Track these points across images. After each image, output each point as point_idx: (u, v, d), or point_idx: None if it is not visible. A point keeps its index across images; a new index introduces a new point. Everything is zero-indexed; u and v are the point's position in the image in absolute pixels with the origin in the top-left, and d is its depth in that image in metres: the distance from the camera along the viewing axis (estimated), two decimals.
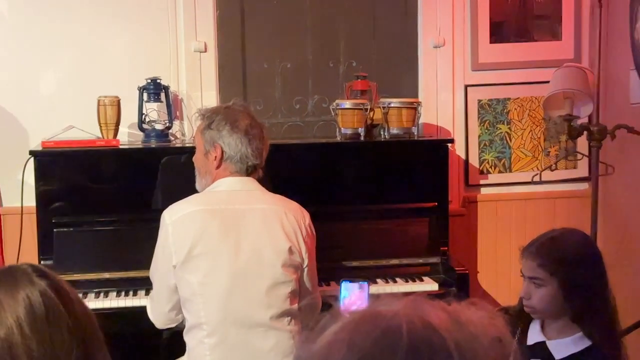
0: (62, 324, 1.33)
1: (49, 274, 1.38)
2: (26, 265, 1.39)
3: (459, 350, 0.75)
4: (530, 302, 2.17)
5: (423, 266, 3.39)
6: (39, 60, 3.58)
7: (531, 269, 2.16)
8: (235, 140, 2.64)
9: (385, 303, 0.82)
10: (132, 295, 3.15)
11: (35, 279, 1.35)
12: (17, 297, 1.32)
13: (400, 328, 0.76)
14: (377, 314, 0.79)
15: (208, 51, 3.68)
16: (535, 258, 2.16)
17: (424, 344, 0.75)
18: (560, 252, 2.16)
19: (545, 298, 2.14)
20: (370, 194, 3.47)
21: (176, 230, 2.55)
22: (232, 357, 2.55)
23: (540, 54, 3.87)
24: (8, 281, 1.35)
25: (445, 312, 0.79)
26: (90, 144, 3.37)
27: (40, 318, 1.32)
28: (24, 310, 1.31)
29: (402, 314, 0.78)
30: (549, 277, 2.13)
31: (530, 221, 3.88)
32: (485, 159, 3.90)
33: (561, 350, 2.17)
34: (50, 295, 1.34)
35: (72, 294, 1.38)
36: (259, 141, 2.67)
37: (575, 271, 2.13)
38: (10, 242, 3.55)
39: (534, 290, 2.16)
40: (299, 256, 2.61)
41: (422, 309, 0.79)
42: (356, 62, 3.92)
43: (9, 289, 1.33)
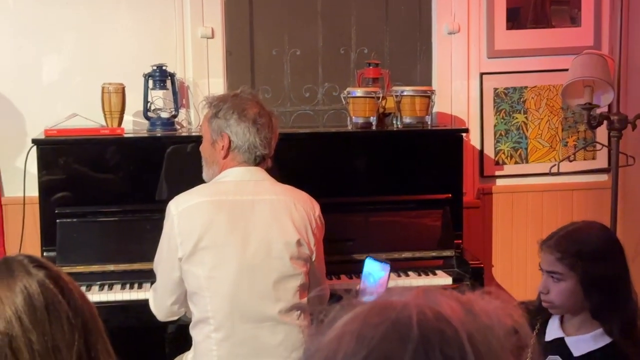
0: (62, 314, 1.30)
1: (46, 265, 1.35)
2: (22, 257, 1.37)
3: (472, 342, 0.73)
4: (549, 297, 2.13)
5: (436, 259, 3.31)
6: (41, 47, 3.50)
7: (550, 263, 2.12)
8: (243, 129, 2.57)
9: (396, 293, 0.80)
10: (137, 288, 3.09)
11: (32, 269, 1.33)
12: (15, 289, 1.30)
13: (411, 319, 0.73)
14: (387, 305, 0.77)
15: (215, 37, 3.60)
16: (554, 252, 2.11)
17: (435, 335, 0.73)
18: (580, 245, 2.11)
19: (564, 293, 2.10)
20: (382, 185, 3.39)
21: (182, 222, 2.50)
22: (240, 352, 2.50)
23: (558, 41, 3.76)
24: (4, 273, 1.32)
25: (458, 303, 0.77)
26: (94, 133, 3.29)
27: (40, 309, 1.29)
28: (22, 302, 1.29)
29: (412, 304, 0.75)
30: (568, 272, 2.09)
31: (547, 213, 3.79)
32: (500, 149, 3.80)
33: (580, 347, 2.13)
34: (48, 285, 1.31)
35: (71, 284, 1.35)
36: (268, 130, 2.59)
37: (595, 266, 2.08)
38: (12, 233, 3.49)
39: (553, 284, 2.12)
40: (308, 249, 2.56)
41: (434, 299, 0.77)
42: (368, 49, 3.83)
43: (6, 281, 1.31)
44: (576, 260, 2.08)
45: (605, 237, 2.17)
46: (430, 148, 3.48)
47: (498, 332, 0.75)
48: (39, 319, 1.29)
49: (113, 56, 3.52)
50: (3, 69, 3.48)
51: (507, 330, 0.76)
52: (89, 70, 3.50)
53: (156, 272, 2.65)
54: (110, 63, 3.51)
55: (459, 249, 3.33)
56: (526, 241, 3.72)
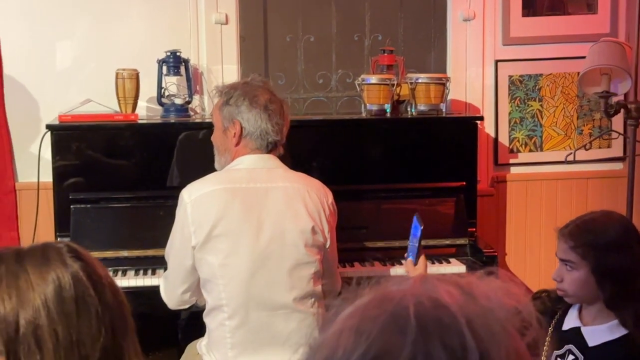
0: (91, 309, 1.29)
1: (83, 256, 1.33)
2: (62, 245, 1.35)
3: (471, 326, 0.71)
4: (562, 285, 2.13)
5: (450, 247, 3.30)
6: (55, 32, 3.49)
7: (564, 252, 2.12)
8: (255, 115, 2.56)
9: (395, 283, 0.78)
10: (151, 274, 3.09)
11: (68, 260, 1.31)
12: (47, 278, 1.29)
13: (408, 310, 0.72)
14: (384, 296, 0.75)
15: (229, 23, 3.58)
16: (568, 240, 2.11)
17: (433, 323, 0.71)
18: (594, 235, 2.10)
19: (577, 282, 2.10)
20: (396, 173, 3.38)
21: (195, 210, 2.49)
22: (254, 340, 2.50)
23: (574, 28, 3.73)
24: (40, 260, 1.31)
25: (456, 287, 0.75)
26: (109, 118, 3.29)
27: (69, 301, 1.28)
28: (52, 292, 1.28)
29: (409, 294, 0.74)
30: (580, 261, 2.08)
31: (561, 202, 3.77)
32: (515, 137, 3.77)
33: (595, 338, 2.12)
34: (81, 278, 1.30)
35: (105, 278, 1.33)
36: (279, 117, 2.58)
37: (608, 256, 2.07)
38: (26, 218, 3.49)
39: (566, 273, 2.11)
40: (322, 236, 2.55)
41: (432, 286, 0.75)
42: (382, 36, 3.80)
43: (39, 268, 1.30)
44: (589, 250, 2.07)
45: (623, 228, 2.14)
46: (445, 136, 3.46)
47: (499, 314, 0.73)
48: (66, 311, 1.28)
49: (127, 42, 3.51)
50: (17, 55, 3.47)
51: (508, 311, 0.74)
52: (102, 56, 3.49)
53: (167, 260, 2.65)
54: (124, 49, 3.49)
55: (472, 237, 3.32)
56: (540, 229, 3.71)
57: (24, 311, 1.27)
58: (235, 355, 2.50)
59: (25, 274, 1.29)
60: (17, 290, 1.28)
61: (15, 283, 1.28)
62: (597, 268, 2.06)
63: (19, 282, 1.28)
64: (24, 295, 1.27)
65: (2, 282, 1.29)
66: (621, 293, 2.07)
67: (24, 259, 1.31)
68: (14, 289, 1.28)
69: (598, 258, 2.06)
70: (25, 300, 1.27)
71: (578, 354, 2.12)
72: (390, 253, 3.23)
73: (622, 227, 2.14)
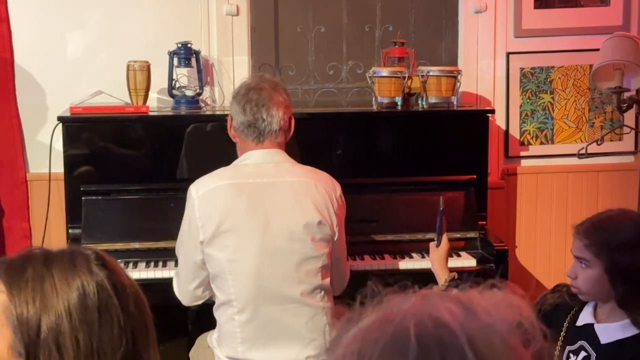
0: (114, 318, 1.30)
1: (110, 265, 1.35)
2: (90, 251, 1.36)
3: (472, 344, 0.70)
4: (576, 283, 2.13)
5: (460, 241, 3.29)
6: (67, 24, 3.49)
7: (578, 249, 2.12)
8: (236, 106, 2.59)
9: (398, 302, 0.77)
10: (162, 266, 3.10)
11: (94, 268, 1.32)
12: (72, 284, 1.30)
13: (408, 331, 0.72)
14: (385, 318, 0.75)
15: (240, 14, 3.57)
16: (582, 238, 2.11)
17: (434, 343, 0.71)
18: (608, 234, 2.10)
19: (590, 280, 2.09)
20: (406, 166, 3.37)
21: (203, 205, 2.50)
22: (264, 334, 2.52)
23: (586, 21, 3.71)
24: (67, 265, 1.32)
25: (457, 304, 0.74)
26: (119, 111, 3.29)
27: (92, 309, 1.29)
28: (76, 299, 1.29)
29: (410, 314, 0.73)
30: (594, 259, 2.08)
31: (572, 195, 3.76)
32: (526, 130, 3.76)
33: (607, 335, 2.12)
34: (106, 287, 1.31)
35: (130, 288, 1.34)
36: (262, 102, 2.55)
37: (622, 256, 2.07)
38: (38, 209, 3.50)
39: (580, 270, 2.11)
40: (330, 229, 2.56)
41: (433, 304, 0.74)
42: (393, 27, 3.79)
43: (65, 274, 1.31)
44: (602, 249, 2.07)
45: (638, 228, 2.13)
46: (456, 129, 3.45)
47: (500, 329, 0.73)
48: (89, 319, 1.29)
49: (138, 33, 3.50)
50: (28, 45, 3.47)
51: (510, 325, 0.74)
52: (113, 47, 3.49)
53: (178, 256, 2.66)
54: (135, 40, 3.49)
55: (483, 230, 3.31)
56: (550, 223, 3.70)
57: (47, 316, 1.28)
58: (245, 350, 2.51)
59: (51, 278, 1.30)
60: (42, 294, 1.29)
61: (40, 287, 1.29)
62: (610, 267, 2.06)
63: (44, 286, 1.29)
64: (48, 300, 1.28)
65: (28, 285, 1.30)
66: (634, 293, 2.07)
67: (52, 263, 1.32)
68: (38, 293, 1.29)
69: (611, 257, 2.06)
70: (49, 305, 1.28)
71: (590, 350, 2.12)
72: (400, 246, 3.23)
73: (637, 227, 2.13)
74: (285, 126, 2.59)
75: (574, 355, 2.15)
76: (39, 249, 1.37)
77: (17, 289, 1.29)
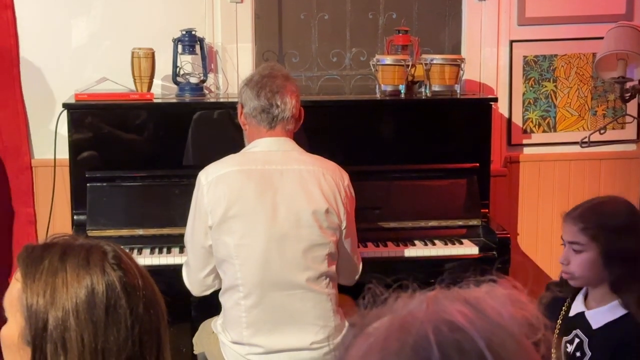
0: (121, 319, 1.30)
1: (125, 266, 1.33)
2: (110, 249, 1.35)
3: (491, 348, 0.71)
4: (569, 268, 2.16)
5: (462, 228, 3.31)
6: (71, 10, 3.49)
7: (572, 234, 2.14)
8: (249, 92, 2.62)
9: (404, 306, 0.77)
10: (166, 252, 3.11)
11: (108, 268, 1.31)
12: (82, 282, 1.30)
13: (429, 339, 0.72)
14: (401, 327, 0.74)
15: (244, 2, 3.58)
16: (577, 222, 2.14)
17: (454, 349, 0.71)
18: (605, 218, 2.14)
19: (584, 264, 2.12)
20: (410, 154, 3.39)
21: (212, 191, 2.53)
22: (269, 320, 2.54)
23: (590, 9, 3.71)
24: (81, 261, 1.32)
25: (467, 306, 0.75)
26: (124, 97, 3.30)
27: (99, 309, 1.29)
28: (84, 297, 1.29)
29: (425, 320, 0.73)
30: (589, 242, 2.11)
31: (574, 183, 3.77)
32: (529, 118, 3.77)
33: (598, 320, 2.16)
34: (115, 287, 1.30)
35: (143, 291, 1.33)
36: (277, 89, 2.60)
37: (618, 239, 2.10)
38: (42, 195, 3.52)
39: (573, 255, 2.14)
40: (337, 218, 2.57)
41: (444, 307, 0.75)
42: (396, 14, 3.79)
43: (78, 270, 1.31)
44: (599, 232, 2.10)
45: (630, 212, 2.19)
46: (459, 117, 3.46)
47: (512, 329, 0.74)
48: (95, 318, 1.29)
49: (142, 20, 3.51)
50: (32, 33, 3.48)
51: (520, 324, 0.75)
52: (118, 34, 3.49)
53: (187, 245, 2.68)
54: (139, 27, 3.49)
55: (485, 218, 3.33)
56: (552, 210, 3.71)
57: (54, 310, 1.28)
58: (250, 335, 2.54)
59: (64, 272, 1.30)
60: (53, 288, 1.29)
61: (52, 280, 1.30)
62: (606, 250, 2.09)
63: (56, 280, 1.30)
64: (57, 294, 1.29)
65: (42, 277, 1.30)
66: (627, 275, 2.10)
67: (68, 256, 1.32)
68: (50, 286, 1.29)
69: (609, 240, 2.10)
70: (58, 300, 1.29)
71: (583, 337, 2.16)
72: (403, 233, 3.25)
73: (630, 212, 2.19)
74: (296, 115, 2.64)
75: (570, 345, 2.18)
76: (63, 239, 1.37)
77: (31, 280, 1.30)
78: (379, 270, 2.90)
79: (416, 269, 3.14)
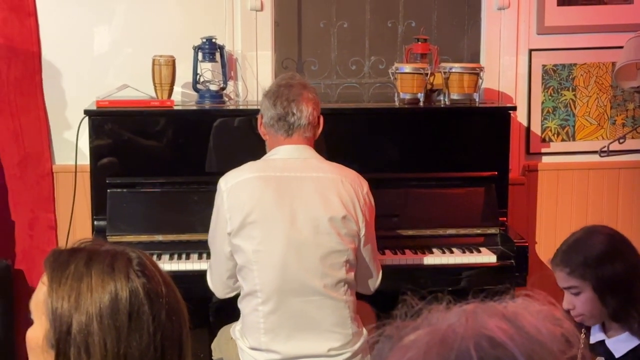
0: (144, 326, 1.31)
1: (149, 273, 1.35)
2: (135, 255, 1.36)
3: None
4: (577, 312, 2.13)
5: (480, 237, 3.31)
6: (93, 18, 3.53)
7: (563, 280, 2.15)
8: (267, 102, 2.66)
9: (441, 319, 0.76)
10: (185, 258, 3.13)
11: (132, 274, 1.33)
12: (106, 287, 1.31)
13: (470, 355, 0.71)
14: (442, 342, 0.73)
15: (264, 10, 3.60)
16: (562, 268, 2.14)
17: None
18: (584, 253, 2.12)
19: (588, 303, 2.11)
20: (428, 162, 3.39)
21: (231, 197, 2.55)
22: (287, 326, 2.55)
23: (610, 18, 3.70)
24: (106, 267, 1.33)
25: (506, 321, 0.74)
26: (145, 105, 3.33)
27: (122, 315, 1.31)
28: (107, 303, 1.31)
29: (466, 336, 0.73)
30: (582, 283, 2.10)
31: (592, 192, 3.77)
32: (547, 127, 3.77)
33: (619, 348, 2.14)
34: (139, 294, 1.32)
35: (166, 298, 1.34)
36: (293, 98, 2.62)
37: (603, 268, 2.09)
38: (63, 200, 3.55)
39: (575, 299, 2.12)
40: (355, 225, 2.58)
41: (484, 323, 0.74)
42: (415, 23, 3.80)
43: (102, 276, 1.32)
44: (585, 269, 2.09)
45: (607, 238, 2.17)
46: (477, 125, 3.47)
47: (551, 347, 0.73)
48: (118, 324, 1.30)
49: (163, 28, 3.54)
50: (55, 40, 3.52)
51: (558, 341, 0.75)
52: (139, 42, 3.53)
53: (210, 248, 2.71)
54: (160, 35, 3.52)
55: (503, 226, 3.33)
56: (571, 220, 3.70)
57: (78, 315, 1.30)
58: (268, 341, 2.55)
59: (89, 278, 1.32)
60: (78, 293, 1.31)
61: (78, 285, 1.32)
62: (596, 284, 2.08)
63: (81, 285, 1.32)
64: (82, 298, 1.31)
65: (67, 281, 1.32)
66: (622, 303, 2.09)
67: (93, 262, 1.34)
68: (75, 291, 1.31)
69: (595, 274, 2.08)
70: (82, 305, 1.30)
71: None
72: (421, 241, 3.25)
73: (606, 237, 2.16)
74: (314, 122, 2.65)
75: None
76: (90, 245, 1.39)
77: (57, 284, 1.32)
78: (397, 278, 2.95)
79: (434, 277, 3.15)
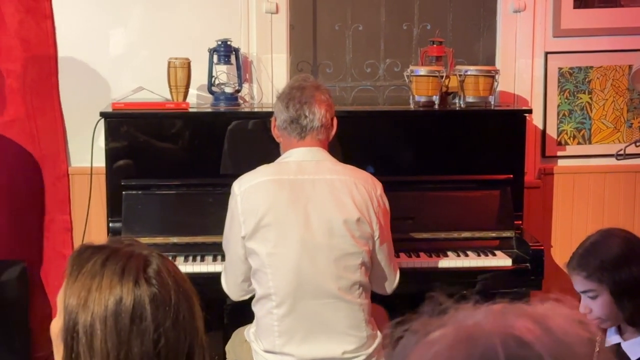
0: (146, 332, 1.31)
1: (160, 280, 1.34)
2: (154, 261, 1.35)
3: None
4: (594, 315, 2.11)
5: (496, 240, 3.29)
6: (109, 21, 3.55)
7: (580, 284, 2.13)
8: (280, 104, 2.66)
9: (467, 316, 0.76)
10: (200, 260, 3.14)
11: (141, 280, 1.32)
12: (114, 291, 1.32)
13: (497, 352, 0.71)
14: (468, 338, 0.73)
15: (279, 12, 3.61)
16: (579, 272, 2.13)
17: None
18: (600, 256, 2.11)
19: (605, 306, 2.09)
20: (443, 165, 3.38)
21: (245, 201, 2.55)
22: (302, 328, 2.55)
23: (626, 21, 3.68)
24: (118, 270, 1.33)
25: (532, 321, 0.74)
26: (160, 107, 3.34)
27: (124, 321, 1.31)
28: (112, 306, 1.31)
29: (493, 333, 0.73)
30: (599, 286, 2.09)
31: (609, 195, 3.74)
32: (563, 130, 3.75)
33: (635, 351, 2.11)
34: (143, 302, 1.31)
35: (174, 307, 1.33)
36: (305, 100, 2.62)
37: (620, 272, 2.07)
38: (79, 202, 3.57)
39: (592, 302, 2.11)
40: (369, 227, 2.57)
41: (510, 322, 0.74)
42: (431, 25, 3.79)
43: (112, 278, 1.33)
44: (602, 273, 2.08)
45: (625, 240, 2.15)
46: (493, 128, 3.45)
47: (579, 350, 0.73)
48: (119, 329, 1.30)
49: (179, 31, 3.55)
50: (71, 42, 3.53)
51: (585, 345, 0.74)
52: (154, 45, 3.54)
53: (225, 251, 2.71)
54: (175, 37, 3.54)
55: (519, 230, 3.31)
56: (587, 223, 3.68)
57: (84, 314, 1.31)
58: (282, 344, 2.54)
59: (100, 278, 1.33)
60: (88, 290, 1.32)
61: (89, 284, 1.32)
62: (613, 288, 2.07)
63: (92, 284, 1.32)
64: (90, 298, 1.31)
65: (82, 278, 1.33)
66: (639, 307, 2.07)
67: (109, 262, 1.34)
68: (85, 289, 1.32)
69: (613, 277, 2.07)
70: (89, 304, 1.31)
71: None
72: (436, 244, 3.24)
73: (623, 240, 2.15)
74: (327, 124, 2.64)
75: None
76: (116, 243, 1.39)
77: (73, 280, 1.33)
78: (411, 282, 2.93)
79: (449, 280, 3.14)
